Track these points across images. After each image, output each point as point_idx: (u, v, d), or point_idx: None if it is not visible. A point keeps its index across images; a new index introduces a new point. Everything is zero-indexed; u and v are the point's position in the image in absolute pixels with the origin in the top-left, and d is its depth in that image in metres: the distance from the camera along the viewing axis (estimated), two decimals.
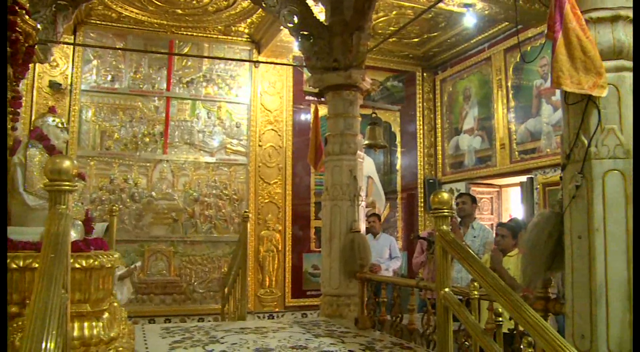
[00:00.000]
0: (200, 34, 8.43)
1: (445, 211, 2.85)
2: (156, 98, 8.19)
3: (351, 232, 5.27)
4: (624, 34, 2.42)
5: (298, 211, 8.84)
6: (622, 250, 2.29)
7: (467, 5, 7.27)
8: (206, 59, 8.45)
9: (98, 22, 7.90)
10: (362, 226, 5.49)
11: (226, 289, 6.63)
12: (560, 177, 2.54)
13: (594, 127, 2.35)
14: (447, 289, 2.82)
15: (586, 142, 2.36)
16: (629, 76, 2.39)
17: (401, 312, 4.60)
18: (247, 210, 7.69)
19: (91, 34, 7.93)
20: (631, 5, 2.49)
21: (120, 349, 3.20)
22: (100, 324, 3.08)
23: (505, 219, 8.99)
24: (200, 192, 8.27)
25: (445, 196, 2.86)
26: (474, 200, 6.24)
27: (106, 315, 3.23)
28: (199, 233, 8.19)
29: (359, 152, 5.54)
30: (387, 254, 7.65)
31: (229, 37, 8.59)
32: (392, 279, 5.38)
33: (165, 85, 8.25)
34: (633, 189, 4.25)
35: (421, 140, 9.94)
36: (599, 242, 2.30)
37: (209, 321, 7.34)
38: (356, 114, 5.59)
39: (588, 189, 2.35)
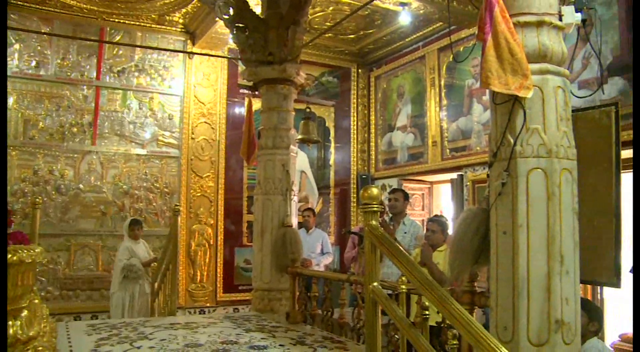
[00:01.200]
0: (132, 22, 8.18)
1: (375, 206, 2.88)
2: (85, 87, 7.90)
3: (283, 226, 5.26)
4: (548, 39, 2.52)
5: (230, 205, 8.76)
6: (543, 245, 2.39)
7: (402, 4, 7.39)
8: (139, 48, 8.22)
9: (20, 3, 7.45)
10: (294, 221, 5.49)
11: (156, 284, 6.51)
12: (488, 175, 2.62)
13: (519, 126, 2.43)
14: (375, 284, 2.87)
15: (512, 141, 2.44)
16: (552, 79, 2.48)
17: (332, 306, 4.64)
18: (178, 204, 7.57)
19: (12, 16, 7.42)
20: (555, 12, 2.59)
21: (40, 348, 3.05)
22: (18, 322, 2.94)
23: (435, 215, 9.20)
24: (131, 184, 8.06)
25: (375, 191, 2.90)
26: (406, 197, 6.35)
27: (25, 313, 3.08)
28: None
29: (292, 146, 5.53)
30: (319, 249, 7.71)
31: (163, 27, 8.39)
32: (323, 274, 5.40)
33: (95, 74, 7.97)
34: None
35: (355, 136, 10.05)
36: (522, 238, 2.39)
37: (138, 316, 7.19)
38: (290, 108, 5.58)
39: (513, 186, 2.43)
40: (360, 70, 10.25)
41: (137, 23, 8.22)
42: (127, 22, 8.14)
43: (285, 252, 5.15)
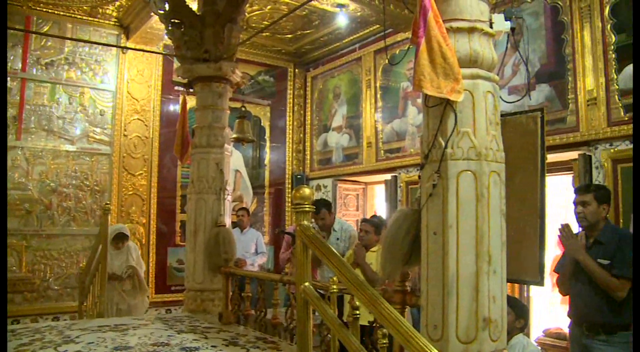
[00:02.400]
0: (62, 13, 7.86)
1: (307, 206, 2.89)
2: (9, 78, 7.57)
3: (216, 226, 5.20)
4: (479, 45, 2.58)
5: (163, 204, 8.60)
6: (472, 245, 2.45)
7: (340, 6, 7.45)
8: (69, 41, 7.94)
9: None
10: (228, 220, 5.44)
11: (85, 285, 6.30)
12: (419, 176, 2.66)
13: (450, 129, 2.48)
14: (307, 284, 2.87)
15: (443, 143, 2.49)
16: (482, 83, 2.55)
17: (265, 306, 4.62)
18: (108, 202, 7.34)
19: None
20: (486, 19, 2.66)
21: None
22: None
23: (370, 215, 9.32)
24: (59, 182, 7.77)
25: (307, 191, 2.90)
26: (329, 208, 6.33)
27: None
28: (56, 226, 7.70)
29: (226, 145, 5.48)
30: (253, 249, 7.67)
31: (95, 20, 8.11)
32: (257, 274, 5.37)
33: (20, 65, 7.61)
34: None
35: (290, 135, 10.06)
36: (452, 238, 2.44)
37: (65, 319, 6.92)
38: (225, 106, 5.52)
39: (443, 188, 2.48)
40: (297, 70, 10.27)
41: (68, 14, 7.90)
42: (56, 12, 7.81)
43: (219, 252, 5.09)
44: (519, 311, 4.03)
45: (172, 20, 5.42)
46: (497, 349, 2.50)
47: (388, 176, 8.30)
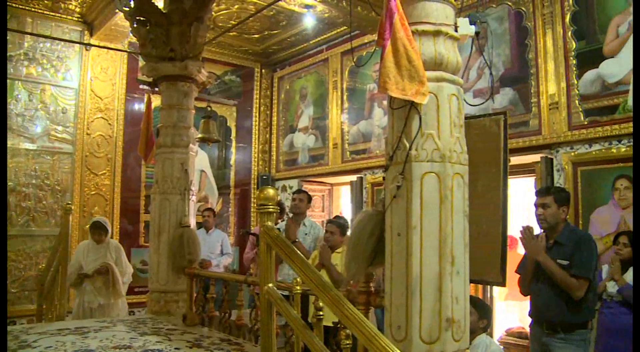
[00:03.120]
0: (22, 7, 7.66)
1: (271, 207, 2.88)
2: None
3: (181, 226, 5.15)
4: (444, 48, 2.61)
5: (127, 204, 8.48)
6: (435, 246, 2.46)
7: (307, 7, 7.45)
8: (29, 36, 7.74)
9: None
10: (192, 221, 5.39)
11: (44, 288, 6.15)
12: (384, 178, 2.67)
13: (415, 131, 2.50)
14: (270, 285, 2.86)
15: (407, 145, 2.50)
16: (447, 86, 2.57)
17: (230, 308, 4.60)
18: (69, 202, 7.20)
19: None
20: (452, 23, 2.69)
21: None
22: None
23: (334, 216, 9.34)
24: (18, 181, 7.59)
25: (271, 192, 2.90)
26: (309, 199, 6.38)
27: None
28: (14, 226, 7.51)
29: (191, 145, 5.43)
30: (219, 250, 7.62)
31: (57, 15, 7.92)
32: (221, 275, 5.34)
33: None
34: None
35: (256, 136, 10.03)
36: (416, 239, 2.45)
37: (22, 323, 6.75)
38: (190, 106, 5.47)
39: (407, 189, 2.49)
40: (263, 71, 10.25)
41: (28, 8, 7.70)
42: (15, 5, 7.59)
43: (183, 252, 5.04)
44: (482, 311, 4.08)
45: (138, 18, 5.34)
46: (459, 349, 2.53)
47: (354, 177, 8.33)
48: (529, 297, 4.49)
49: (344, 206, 9.72)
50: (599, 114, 5.63)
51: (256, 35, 9.23)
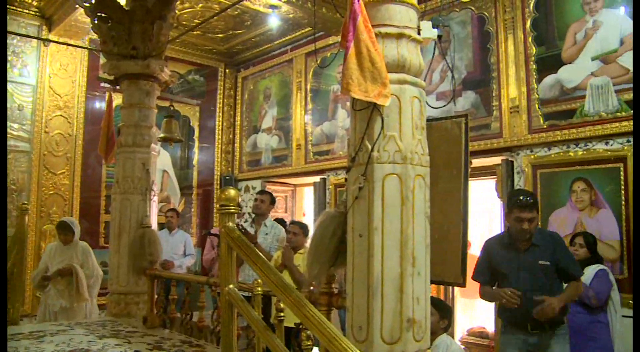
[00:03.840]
0: None
1: (232, 207, 2.86)
2: None
3: (142, 227, 5.08)
4: (407, 51, 2.62)
5: (87, 205, 8.32)
6: (397, 247, 2.48)
7: (272, 7, 7.42)
8: None
9: None
10: (154, 221, 5.32)
11: None
12: (346, 179, 2.68)
13: (377, 133, 2.51)
14: (231, 286, 2.84)
15: (369, 147, 2.51)
16: (409, 89, 2.58)
17: (191, 309, 4.55)
18: (25, 202, 7.00)
19: None
20: (415, 26, 2.71)
21: None
22: None
23: (299, 217, 9.34)
24: None
25: (232, 192, 2.88)
26: (273, 200, 6.35)
27: None
28: None
29: (153, 145, 5.36)
30: (182, 251, 7.55)
31: (13, 8, 7.65)
32: (183, 276, 5.28)
33: None
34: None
35: (220, 136, 9.96)
36: (377, 240, 2.46)
37: None
38: (152, 105, 5.40)
39: (369, 190, 2.50)
40: (227, 71, 10.19)
41: None
42: None
43: (144, 253, 4.97)
44: (443, 312, 4.12)
45: (99, 14, 5.24)
46: (420, 349, 2.54)
47: (317, 178, 8.34)
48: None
49: (307, 207, 9.72)
50: (557, 118, 5.76)
51: (220, 35, 9.17)
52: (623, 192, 5.25)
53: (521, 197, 4.13)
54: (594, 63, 5.54)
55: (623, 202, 5.24)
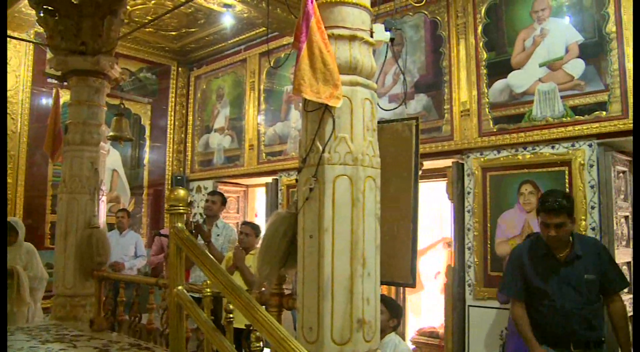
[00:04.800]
0: None
1: (181, 208, 2.83)
2: None
3: (89, 227, 4.96)
4: (360, 53, 2.64)
5: (32, 204, 8.05)
6: (347, 248, 2.49)
7: (226, 6, 7.36)
8: None
9: None
10: (102, 221, 5.21)
11: None
12: (296, 180, 2.68)
13: (328, 134, 2.52)
14: (180, 287, 2.81)
15: (320, 148, 2.51)
16: (361, 91, 2.60)
17: (140, 311, 4.47)
18: None
19: None
20: (367, 29, 2.73)
21: None
22: None
23: (251, 218, 9.29)
24: None
25: (182, 193, 2.85)
26: (224, 201, 6.31)
27: None
28: None
29: (102, 143, 5.25)
30: (132, 252, 7.42)
31: None
32: (132, 278, 5.19)
33: None
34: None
35: (171, 135, 9.81)
36: (328, 241, 2.47)
37: None
38: (102, 103, 5.28)
39: (320, 191, 2.50)
40: (180, 69, 10.05)
41: None
42: None
43: (91, 254, 4.86)
44: (392, 311, 4.16)
45: (45, 7, 5.09)
46: (370, 349, 2.56)
47: (269, 179, 8.31)
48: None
49: (259, 208, 9.68)
50: (506, 122, 5.88)
51: (173, 33, 9.04)
52: None
53: (549, 200, 3.62)
54: (541, 69, 5.69)
55: None
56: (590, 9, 5.40)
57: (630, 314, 4.42)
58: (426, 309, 8.91)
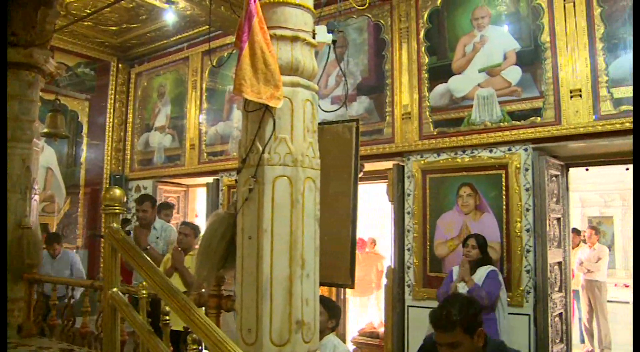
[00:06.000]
0: None
1: (117, 208, 2.76)
2: None
3: (20, 228, 4.77)
4: (301, 54, 2.64)
5: None
6: (286, 249, 2.48)
7: (169, 2, 7.25)
8: None
9: None
10: (34, 222, 5.01)
11: None
12: (236, 180, 2.65)
13: (268, 135, 2.50)
14: (115, 289, 2.74)
15: (260, 148, 2.50)
16: (302, 92, 2.60)
17: (74, 315, 4.33)
18: None
19: None
20: (310, 30, 2.73)
21: None
22: None
23: (191, 218, 9.16)
24: None
25: (117, 192, 2.78)
26: (154, 204, 6.16)
27: None
28: None
29: (35, 140, 5.05)
30: (67, 274, 7.04)
31: None
32: (65, 280, 5.03)
33: None
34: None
35: (110, 133, 9.55)
36: (267, 242, 2.46)
37: None
38: (35, 98, 5.08)
39: (259, 192, 2.49)
40: (120, 65, 9.80)
41: None
42: None
43: (22, 256, 4.66)
44: (331, 312, 4.17)
45: None
46: (309, 350, 2.56)
47: (210, 179, 8.22)
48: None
49: (200, 208, 9.56)
50: (446, 125, 6.00)
51: (114, 28, 8.80)
52: (504, 197, 5.55)
53: (437, 312, 2.83)
54: (480, 75, 5.83)
55: (504, 207, 5.55)
56: (527, 19, 5.58)
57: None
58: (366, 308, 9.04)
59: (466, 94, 5.91)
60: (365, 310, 9.36)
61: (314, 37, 2.77)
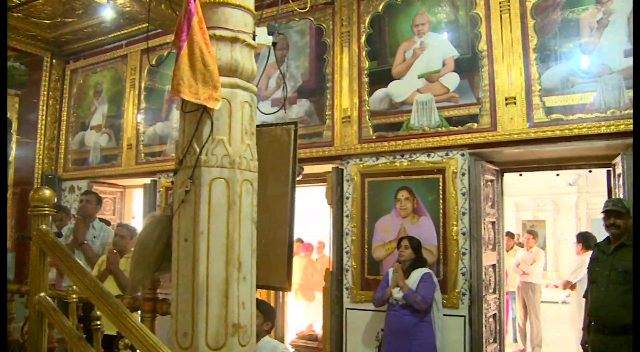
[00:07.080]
0: None
1: (46, 209, 2.67)
2: None
3: None
4: (241, 55, 2.63)
5: None
6: (222, 252, 2.46)
7: None
8: None
9: None
10: None
11: None
12: (172, 182, 2.62)
13: (206, 136, 2.48)
14: (42, 294, 2.64)
15: (198, 150, 2.47)
16: (240, 93, 2.59)
17: None
18: None
19: None
20: (250, 31, 2.72)
21: None
22: None
23: (128, 220, 8.96)
24: None
25: (47, 193, 2.70)
26: (99, 201, 6.06)
27: None
28: None
29: None
30: None
31: None
32: None
33: None
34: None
35: (43, 131, 9.19)
36: (203, 245, 2.43)
37: None
38: None
39: (196, 194, 2.46)
40: (54, 61, 9.44)
41: None
42: None
43: None
44: (266, 314, 4.17)
45: None
46: None
47: (148, 180, 8.06)
48: None
49: (137, 210, 9.36)
50: (385, 129, 6.09)
51: (47, 21, 8.47)
52: (441, 201, 5.68)
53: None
54: (419, 81, 5.94)
55: (441, 211, 5.67)
56: (465, 27, 5.73)
57: None
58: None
59: (405, 99, 6.01)
60: (318, 315, 9.36)
61: (254, 39, 2.76)
